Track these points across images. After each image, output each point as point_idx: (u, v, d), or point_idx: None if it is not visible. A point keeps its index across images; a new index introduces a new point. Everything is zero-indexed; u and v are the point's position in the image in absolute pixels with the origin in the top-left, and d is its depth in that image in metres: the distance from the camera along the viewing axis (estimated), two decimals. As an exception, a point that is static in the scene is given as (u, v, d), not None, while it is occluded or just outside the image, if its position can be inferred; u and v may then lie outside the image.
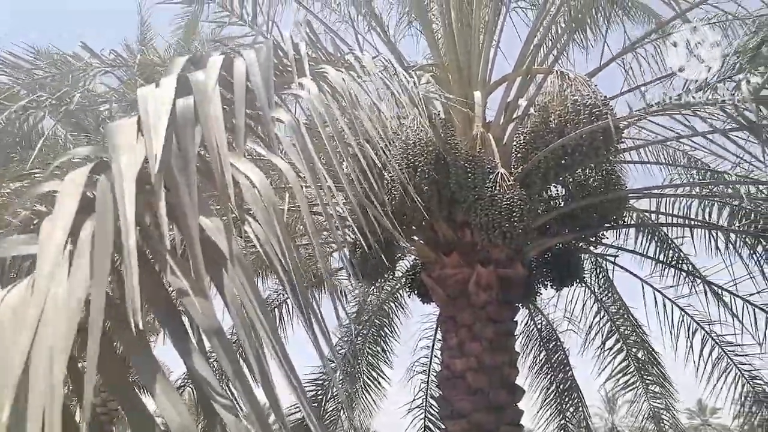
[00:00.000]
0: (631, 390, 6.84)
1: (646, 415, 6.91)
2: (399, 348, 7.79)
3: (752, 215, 5.42)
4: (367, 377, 7.55)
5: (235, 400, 0.99)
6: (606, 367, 6.80)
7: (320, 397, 7.20)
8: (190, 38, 6.51)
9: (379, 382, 7.56)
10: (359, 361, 7.48)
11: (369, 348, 7.59)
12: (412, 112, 4.50)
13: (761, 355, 5.96)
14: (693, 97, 3.85)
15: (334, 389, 7.11)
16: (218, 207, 1.07)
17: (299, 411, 7.05)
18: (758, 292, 5.66)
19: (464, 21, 5.44)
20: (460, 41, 5.45)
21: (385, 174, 4.54)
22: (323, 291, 7.31)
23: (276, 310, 7.49)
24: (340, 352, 7.49)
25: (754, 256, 5.56)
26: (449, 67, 5.45)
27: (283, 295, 7.25)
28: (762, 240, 5.42)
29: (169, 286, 1.04)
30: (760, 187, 5.08)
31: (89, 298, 0.81)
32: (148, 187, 1.08)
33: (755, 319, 5.81)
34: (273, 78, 1.35)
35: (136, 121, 1.01)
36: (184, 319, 1.04)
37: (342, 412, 7.36)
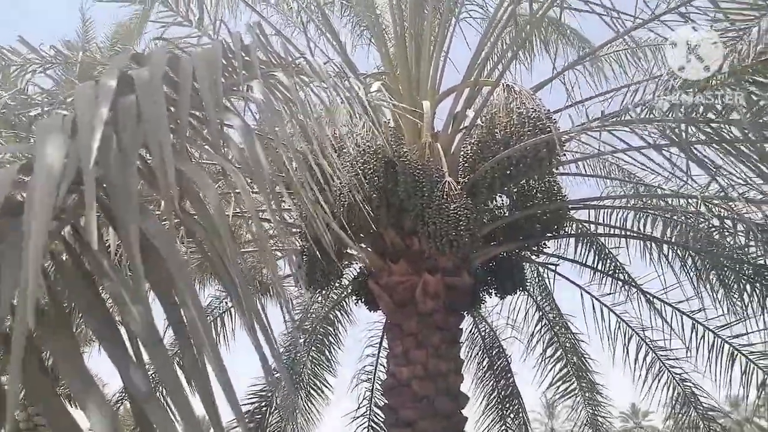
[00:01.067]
0: (570, 397, 7.04)
1: (584, 422, 7.12)
2: (344, 356, 7.75)
3: (683, 227, 5.71)
4: (311, 386, 7.46)
5: (174, 414, 0.94)
6: (547, 374, 6.99)
7: (264, 408, 7.06)
8: (133, 38, 6.31)
9: (322, 391, 7.49)
10: (302, 369, 7.38)
11: (313, 356, 7.51)
12: (362, 120, 4.51)
13: (689, 359, 6.28)
14: (630, 114, 4.02)
15: (278, 400, 6.99)
16: (160, 211, 1.02)
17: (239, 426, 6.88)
18: (687, 300, 5.96)
19: (415, 31, 5.50)
20: (410, 51, 5.50)
21: (334, 181, 4.51)
22: (269, 298, 7.18)
23: (219, 318, 7.31)
24: (283, 361, 7.37)
25: (684, 266, 5.85)
26: (399, 76, 5.49)
27: (227, 303, 7.07)
28: (691, 251, 5.71)
29: (106, 293, 0.99)
30: (690, 200, 5.35)
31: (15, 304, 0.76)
32: (83, 188, 1.02)
33: (683, 325, 6.12)
34: (222, 79, 1.31)
35: (72, 118, 0.95)
36: (121, 328, 0.99)
37: (286, 422, 7.23)
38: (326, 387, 7.52)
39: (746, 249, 5.33)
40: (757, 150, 3.20)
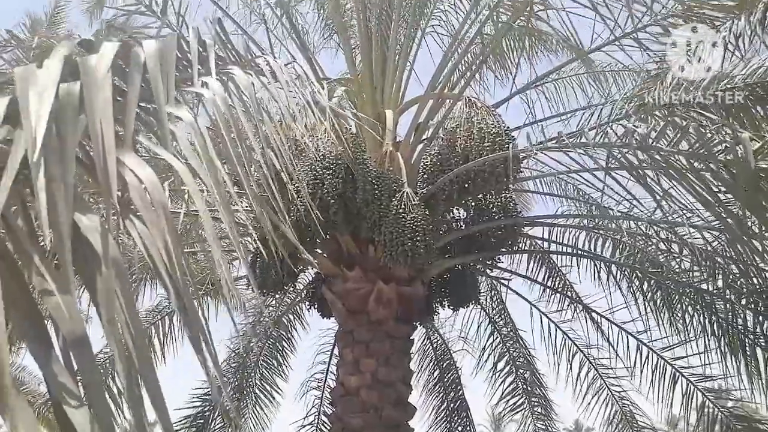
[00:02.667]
0: (518, 411, 7.13)
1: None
2: (296, 362, 7.65)
3: (631, 249, 5.88)
4: (260, 390, 7.32)
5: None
6: (497, 387, 7.06)
7: (207, 413, 6.88)
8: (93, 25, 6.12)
9: (273, 396, 7.36)
10: (252, 374, 7.24)
11: (264, 361, 7.38)
12: (322, 124, 4.48)
13: (630, 378, 6.45)
14: (586, 137, 4.12)
15: (223, 405, 6.82)
16: (98, 204, 0.98)
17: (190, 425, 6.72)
18: (632, 320, 6.13)
19: (382, 40, 5.53)
20: (376, 59, 5.52)
21: (290, 184, 4.46)
22: (219, 301, 7.03)
23: (168, 317, 7.10)
24: (232, 364, 7.21)
25: (631, 287, 6.02)
26: (364, 83, 5.50)
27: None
28: (638, 272, 5.88)
29: (33, 288, 0.94)
30: (639, 223, 5.52)
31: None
32: (21, 177, 0.97)
33: (628, 344, 6.29)
34: (175, 72, 1.27)
35: (8, 102, 0.90)
36: (48, 325, 0.94)
37: (228, 427, 7.06)
38: (277, 392, 7.39)
39: (690, 273, 5.52)
40: (701, 179, 3.34)
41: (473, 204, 5.34)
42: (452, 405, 7.26)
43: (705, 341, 5.53)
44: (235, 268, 6.40)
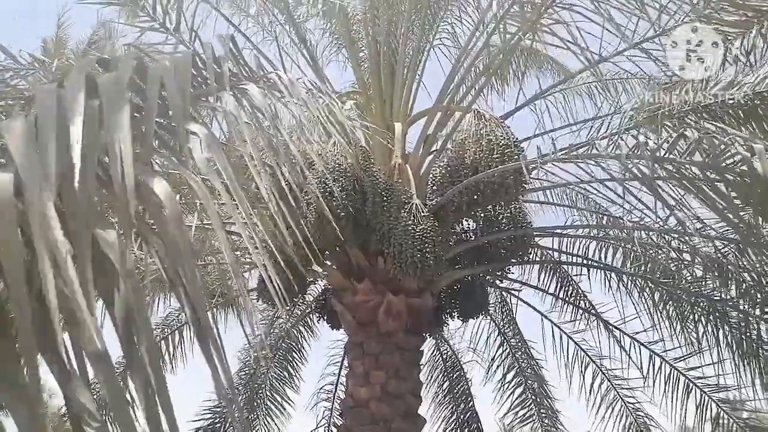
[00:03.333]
0: (528, 423, 7.06)
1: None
2: (308, 373, 7.64)
3: (643, 259, 5.84)
4: (270, 402, 7.31)
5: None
6: (506, 399, 7.00)
7: (218, 425, 6.87)
8: (107, 43, 6.21)
9: (283, 407, 7.35)
10: (263, 385, 7.24)
11: (275, 373, 7.38)
12: (333, 137, 4.50)
13: (644, 389, 6.38)
14: (597, 149, 4.11)
15: (234, 416, 6.81)
16: (116, 219, 1.00)
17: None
18: (644, 330, 6.07)
19: (390, 53, 5.56)
20: (384, 72, 5.55)
21: (301, 197, 4.48)
22: (229, 313, 7.05)
23: (177, 331, 7.12)
24: (242, 376, 7.21)
25: (643, 297, 5.98)
26: (373, 96, 5.53)
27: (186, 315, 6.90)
28: (650, 282, 5.84)
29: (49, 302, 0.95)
30: (650, 233, 5.49)
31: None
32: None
33: (640, 355, 6.22)
34: (190, 89, 1.30)
35: (34, 122, 0.92)
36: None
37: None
38: (288, 403, 7.38)
39: (703, 282, 5.48)
40: (714, 188, 3.32)
41: (483, 215, 5.33)
42: (462, 416, 7.21)
43: (719, 351, 5.46)
44: (246, 279, 6.42)
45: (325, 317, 5.83)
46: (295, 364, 7.46)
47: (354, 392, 5.09)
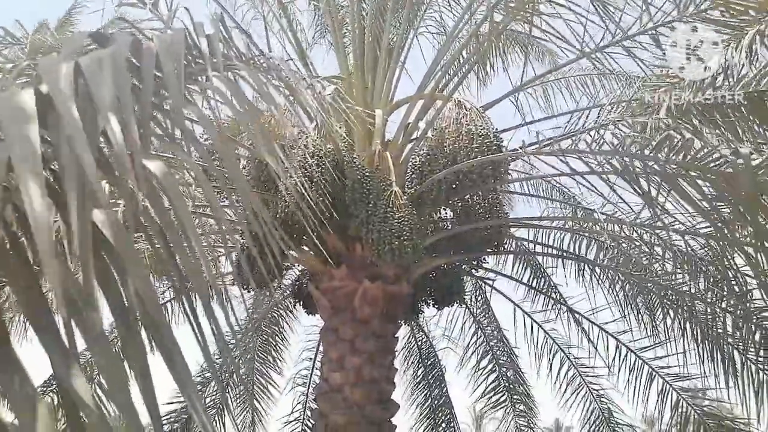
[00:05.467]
0: (500, 408, 7.21)
1: (512, 432, 7.31)
2: (288, 358, 7.65)
3: (615, 251, 5.97)
4: (257, 385, 7.34)
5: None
6: (480, 385, 7.14)
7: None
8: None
9: (267, 391, 7.38)
10: (243, 367, 7.25)
11: (258, 356, 7.40)
12: (313, 122, 4.47)
13: (608, 376, 6.59)
14: (581, 143, 4.15)
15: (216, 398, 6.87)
16: (116, 200, 0.98)
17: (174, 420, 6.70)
18: (614, 321, 6.25)
19: (374, 39, 5.53)
20: (368, 58, 5.52)
21: (279, 181, 4.45)
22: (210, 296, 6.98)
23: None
24: (217, 360, 7.18)
25: (613, 289, 6.13)
26: (355, 82, 5.50)
27: (164, 296, 6.80)
28: (620, 274, 5.98)
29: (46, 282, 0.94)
30: (623, 226, 5.60)
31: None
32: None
33: (608, 344, 6.41)
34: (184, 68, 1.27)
35: (34, 93, 0.90)
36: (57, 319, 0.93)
37: (214, 422, 7.04)
38: (271, 385, 7.41)
39: (673, 276, 5.62)
40: (695, 186, 3.39)
41: (460, 204, 5.37)
42: (436, 402, 7.32)
43: (684, 343, 5.64)
44: (222, 264, 6.37)
45: (302, 302, 5.82)
46: (278, 348, 7.49)
47: (329, 377, 5.11)
